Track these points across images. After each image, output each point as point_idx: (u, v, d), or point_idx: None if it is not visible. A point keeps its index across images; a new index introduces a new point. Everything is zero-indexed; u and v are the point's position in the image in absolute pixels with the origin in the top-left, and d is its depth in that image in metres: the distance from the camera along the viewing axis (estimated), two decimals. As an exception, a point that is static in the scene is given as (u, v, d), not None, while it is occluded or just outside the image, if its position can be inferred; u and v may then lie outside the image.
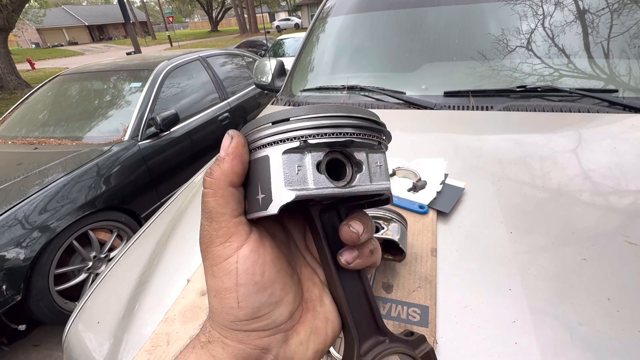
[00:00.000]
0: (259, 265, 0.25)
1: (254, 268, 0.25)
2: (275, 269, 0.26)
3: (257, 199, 0.25)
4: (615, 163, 0.82)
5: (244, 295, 0.24)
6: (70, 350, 0.70)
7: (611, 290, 0.53)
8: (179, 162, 2.59)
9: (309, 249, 0.32)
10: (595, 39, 1.22)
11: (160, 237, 0.89)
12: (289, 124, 0.24)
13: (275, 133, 0.24)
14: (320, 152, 0.24)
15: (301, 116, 0.24)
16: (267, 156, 0.24)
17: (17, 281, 1.62)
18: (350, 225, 0.27)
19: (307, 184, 0.23)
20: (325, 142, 0.24)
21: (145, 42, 29.09)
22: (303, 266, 0.31)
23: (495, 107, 1.14)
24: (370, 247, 0.29)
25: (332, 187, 0.24)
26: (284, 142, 0.24)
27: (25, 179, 1.86)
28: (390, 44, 1.55)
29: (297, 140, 0.23)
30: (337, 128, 0.24)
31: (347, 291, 0.28)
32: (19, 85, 9.32)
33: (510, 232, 0.66)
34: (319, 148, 0.24)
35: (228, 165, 0.25)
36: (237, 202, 0.25)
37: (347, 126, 0.24)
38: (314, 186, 0.23)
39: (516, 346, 0.47)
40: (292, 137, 0.24)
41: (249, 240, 0.25)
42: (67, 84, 2.88)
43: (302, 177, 0.23)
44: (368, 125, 0.26)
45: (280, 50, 7.58)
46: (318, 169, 0.24)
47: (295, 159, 0.24)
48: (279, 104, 1.54)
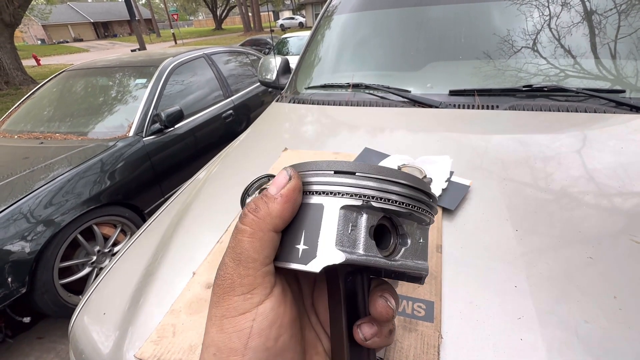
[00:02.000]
0: (275, 327, 0.22)
1: (269, 331, 0.21)
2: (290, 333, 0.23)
3: (297, 249, 0.22)
4: (622, 163, 0.82)
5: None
6: (76, 341, 0.70)
7: (617, 288, 0.53)
8: (183, 158, 2.60)
9: (314, 309, 0.28)
10: (602, 39, 1.21)
11: (165, 231, 0.90)
12: (354, 179, 0.22)
13: (337, 183, 0.22)
14: (376, 216, 0.23)
15: (369, 174, 0.22)
16: (321, 205, 0.22)
17: (22, 274, 1.64)
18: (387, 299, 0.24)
19: (357, 247, 0.21)
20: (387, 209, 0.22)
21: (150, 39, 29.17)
22: (307, 329, 0.27)
23: (500, 106, 1.14)
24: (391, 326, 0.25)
25: (379, 257, 0.22)
26: (345, 197, 0.22)
27: (31, 173, 1.88)
28: (395, 43, 1.55)
29: (359, 199, 0.22)
30: (402, 197, 0.23)
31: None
32: (25, 80, 9.37)
33: (515, 230, 0.66)
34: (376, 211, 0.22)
35: (279, 207, 0.22)
36: (273, 249, 0.22)
37: (411, 197, 0.23)
38: (363, 252, 0.22)
39: (522, 342, 0.47)
40: (355, 194, 0.22)
41: (272, 294, 0.22)
42: (72, 80, 2.89)
43: (354, 239, 0.22)
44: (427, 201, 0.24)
45: (284, 49, 7.57)
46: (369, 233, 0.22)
47: (351, 217, 0.22)
48: (283, 101, 1.54)
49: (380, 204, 0.22)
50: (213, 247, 0.75)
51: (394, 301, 0.24)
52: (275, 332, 0.22)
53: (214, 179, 1.09)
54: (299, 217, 0.23)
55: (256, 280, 0.22)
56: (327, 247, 0.21)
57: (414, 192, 0.23)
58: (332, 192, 0.22)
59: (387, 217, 0.23)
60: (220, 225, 0.82)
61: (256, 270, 0.22)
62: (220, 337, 0.21)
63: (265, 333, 0.21)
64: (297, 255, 0.22)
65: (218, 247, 0.75)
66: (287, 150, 1.08)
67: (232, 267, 0.22)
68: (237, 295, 0.21)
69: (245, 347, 0.21)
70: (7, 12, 8.60)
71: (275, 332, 0.22)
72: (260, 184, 0.76)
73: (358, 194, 0.22)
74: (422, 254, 0.25)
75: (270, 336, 0.21)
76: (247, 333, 0.21)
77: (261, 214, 0.22)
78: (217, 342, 0.21)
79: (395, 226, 0.24)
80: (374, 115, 1.25)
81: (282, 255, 0.23)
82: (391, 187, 0.22)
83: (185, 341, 0.55)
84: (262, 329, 0.21)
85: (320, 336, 0.27)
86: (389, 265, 0.23)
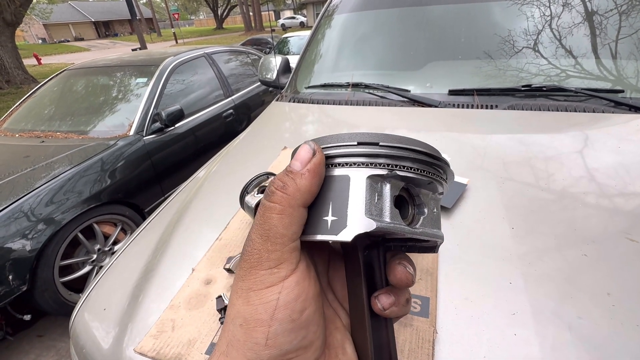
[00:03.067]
0: (300, 301, 0.22)
1: (295, 303, 0.22)
2: (315, 307, 0.23)
3: (325, 220, 0.22)
4: (620, 163, 0.82)
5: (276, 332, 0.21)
6: (77, 337, 0.71)
7: (611, 285, 0.53)
8: (183, 157, 2.61)
9: (331, 287, 0.28)
10: (602, 39, 1.22)
11: (165, 228, 0.90)
12: (378, 149, 0.22)
13: (361, 154, 0.22)
14: (398, 185, 0.23)
15: (392, 144, 0.22)
16: (347, 177, 0.22)
17: (23, 272, 1.65)
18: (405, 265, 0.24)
19: (384, 216, 0.22)
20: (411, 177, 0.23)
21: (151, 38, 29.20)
22: (325, 306, 0.27)
23: (500, 105, 1.14)
24: (407, 295, 0.26)
25: (404, 225, 0.23)
26: (371, 167, 0.22)
27: (32, 171, 1.88)
28: (395, 42, 1.56)
29: (385, 168, 0.22)
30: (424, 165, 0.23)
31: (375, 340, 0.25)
32: (26, 79, 9.39)
33: (512, 228, 0.66)
34: (398, 181, 0.23)
35: (307, 182, 0.22)
36: (301, 225, 0.23)
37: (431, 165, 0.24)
38: (390, 220, 0.22)
39: (515, 337, 0.48)
40: (380, 164, 0.22)
41: (297, 269, 0.23)
42: (73, 79, 2.90)
43: (380, 207, 0.22)
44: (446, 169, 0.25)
45: (285, 49, 7.58)
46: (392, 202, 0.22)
47: (376, 187, 0.22)
48: (283, 101, 1.54)
49: (405, 172, 0.22)
50: (212, 244, 0.76)
51: (412, 268, 0.25)
52: (300, 305, 0.22)
53: (214, 177, 1.09)
54: (325, 190, 0.23)
55: (283, 255, 0.22)
56: (357, 216, 0.21)
57: (434, 159, 0.24)
58: (356, 163, 0.22)
59: (405, 188, 0.24)
60: (219, 222, 0.83)
61: (284, 246, 0.22)
62: (247, 309, 0.22)
63: (291, 306, 0.22)
64: (326, 227, 0.22)
65: (217, 244, 0.76)
66: (287, 148, 1.09)
67: (259, 242, 0.22)
68: (264, 270, 0.22)
69: (272, 318, 0.21)
70: (8, 11, 8.61)
71: (300, 305, 0.22)
72: (259, 181, 0.77)
73: (383, 164, 0.22)
74: (437, 222, 0.26)
75: (296, 309, 0.22)
76: (274, 305, 0.21)
77: (290, 190, 0.22)
78: (243, 314, 0.22)
79: (413, 196, 0.25)
80: (373, 115, 1.26)
81: (310, 228, 0.23)
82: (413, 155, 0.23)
83: (184, 335, 0.55)
84: (288, 301, 0.22)
85: (338, 312, 0.28)
86: (412, 233, 0.23)
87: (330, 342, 0.26)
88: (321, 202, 0.23)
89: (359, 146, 0.22)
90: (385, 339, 0.26)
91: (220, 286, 0.64)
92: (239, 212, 0.84)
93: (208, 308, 0.59)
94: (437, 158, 0.24)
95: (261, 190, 0.75)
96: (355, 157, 0.22)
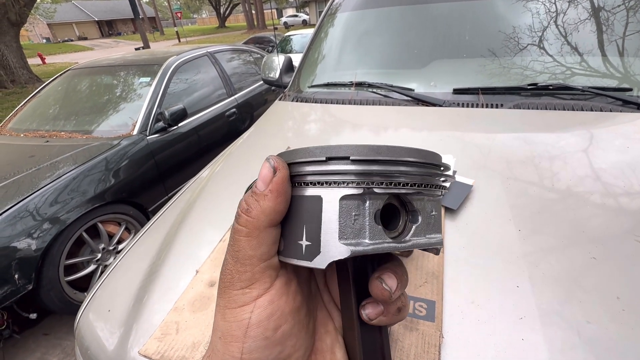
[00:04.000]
0: (274, 319, 0.23)
1: (267, 322, 0.22)
2: (292, 323, 0.24)
3: (300, 245, 0.21)
4: (628, 163, 0.81)
5: (250, 348, 0.22)
6: (81, 337, 0.71)
7: (620, 289, 0.52)
8: (187, 157, 2.61)
9: (327, 287, 0.29)
10: (609, 36, 1.20)
11: (169, 229, 0.90)
12: (351, 165, 0.20)
13: (332, 172, 0.20)
14: (380, 199, 0.21)
15: (366, 157, 0.20)
16: (319, 197, 0.20)
17: (28, 271, 1.66)
18: (382, 281, 0.23)
19: (362, 236, 0.20)
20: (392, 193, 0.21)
21: (154, 37, 29.26)
22: (319, 308, 0.28)
23: (505, 105, 1.13)
24: (399, 304, 0.25)
25: (388, 241, 0.21)
26: (343, 186, 0.20)
27: (37, 171, 1.90)
28: (399, 41, 1.54)
29: (359, 187, 0.20)
30: (407, 176, 0.21)
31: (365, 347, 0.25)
32: (30, 79, 9.45)
33: (518, 229, 0.66)
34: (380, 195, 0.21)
35: (271, 203, 0.21)
36: (272, 244, 0.23)
37: (417, 175, 0.21)
38: (369, 241, 0.20)
39: (523, 342, 0.47)
40: (354, 182, 0.20)
41: (272, 288, 0.23)
42: (77, 79, 2.91)
43: (358, 228, 0.20)
44: (437, 172, 0.23)
45: (287, 47, 7.56)
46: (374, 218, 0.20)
47: (353, 205, 0.20)
48: (286, 100, 1.54)
49: (384, 188, 0.20)
50: (216, 245, 0.76)
51: (391, 282, 0.24)
52: (274, 323, 0.23)
53: (217, 177, 1.09)
54: (298, 211, 0.22)
55: (254, 275, 0.22)
56: (331, 242, 0.20)
57: (422, 168, 0.21)
58: (328, 182, 0.20)
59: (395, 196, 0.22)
60: (223, 223, 0.83)
61: (254, 267, 0.22)
62: (224, 325, 0.23)
63: (263, 324, 0.22)
64: (300, 251, 0.21)
65: (221, 245, 0.75)
66: (290, 148, 1.08)
67: (232, 263, 0.23)
68: (236, 290, 0.23)
69: (245, 335, 0.22)
70: (13, 11, 8.66)
71: (274, 323, 0.23)
72: (263, 182, 0.76)
73: (358, 182, 0.20)
74: (435, 226, 0.24)
75: (269, 327, 0.23)
76: (246, 324, 0.22)
77: (254, 213, 0.22)
78: (221, 328, 0.23)
79: (403, 202, 0.23)
80: (377, 114, 1.25)
81: (287, 251, 0.23)
82: (395, 167, 0.20)
83: (188, 338, 0.55)
84: (261, 320, 0.22)
85: (332, 314, 0.28)
86: (398, 248, 0.22)
87: (320, 347, 0.26)
88: (295, 224, 0.22)
89: (328, 162, 0.20)
90: (379, 344, 0.26)
91: (224, 288, 0.64)
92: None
93: (212, 310, 0.59)
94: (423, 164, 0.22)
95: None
96: (326, 175, 0.20)
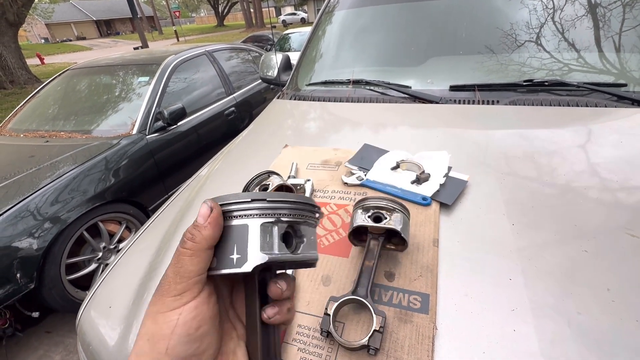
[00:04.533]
0: (197, 320, 0.29)
1: (192, 322, 0.28)
2: (210, 324, 0.30)
3: (232, 258, 0.30)
4: (623, 158, 0.82)
5: (174, 344, 0.28)
6: (83, 334, 0.72)
7: (611, 281, 0.53)
8: (186, 156, 2.62)
9: (233, 306, 0.36)
10: (605, 32, 1.20)
11: (169, 226, 0.91)
12: (267, 203, 0.31)
13: (255, 208, 0.31)
14: (283, 226, 0.32)
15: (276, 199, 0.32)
16: (246, 225, 0.30)
17: (30, 270, 1.67)
18: (277, 282, 0.33)
19: (273, 249, 0.31)
20: (291, 221, 0.32)
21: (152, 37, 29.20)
22: (225, 321, 0.34)
23: (501, 101, 1.14)
24: (288, 305, 0.34)
25: (288, 253, 0.32)
26: (262, 217, 0.31)
27: (37, 171, 1.90)
28: (396, 38, 1.55)
29: (273, 217, 0.31)
30: (299, 211, 0.33)
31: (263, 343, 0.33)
32: (29, 80, 9.44)
33: (512, 224, 0.67)
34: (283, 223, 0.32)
35: (209, 232, 0.29)
36: (207, 263, 0.30)
37: (305, 210, 0.33)
38: (278, 252, 0.31)
39: (515, 333, 0.48)
40: (270, 214, 0.31)
41: (199, 297, 0.29)
42: (76, 79, 2.92)
43: (271, 244, 0.31)
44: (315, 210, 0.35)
45: (286, 45, 7.56)
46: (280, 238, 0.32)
47: (267, 230, 0.31)
48: (285, 98, 1.55)
49: (288, 218, 0.32)
50: (215, 242, 0.77)
51: (282, 283, 0.33)
52: (196, 323, 0.29)
53: (216, 175, 1.10)
54: (230, 236, 0.31)
55: (187, 286, 0.29)
56: (254, 253, 0.29)
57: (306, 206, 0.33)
58: (252, 215, 0.31)
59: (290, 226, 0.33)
60: (221, 221, 0.84)
61: (189, 279, 0.29)
62: (154, 327, 0.28)
63: (188, 324, 0.28)
64: (232, 262, 0.30)
65: (220, 242, 0.76)
66: (288, 147, 1.09)
67: (172, 277, 0.29)
68: (170, 297, 0.28)
69: (172, 333, 0.28)
70: (11, 12, 8.65)
71: (196, 323, 0.29)
72: (261, 180, 0.78)
73: (272, 214, 0.31)
74: (313, 246, 0.35)
75: (192, 326, 0.28)
76: (174, 324, 0.28)
77: (198, 239, 0.29)
78: (151, 331, 0.28)
79: (295, 230, 0.34)
80: (374, 111, 1.26)
81: (220, 265, 0.30)
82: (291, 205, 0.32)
83: None
84: (186, 321, 0.28)
85: (235, 326, 0.35)
86: (294, 258, 0.32)
87: (225, 349, 0.33)
88: (226, 245, 0.31)
89: (252, 202, 0.31)
90: (273, 342, 0.34)
91: (223, 284, 0.65)
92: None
93: (211, 305, 0.60)
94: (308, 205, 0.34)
95: (262, 189, 0.75)
96: (251, 210, 0.31)
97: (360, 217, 0.58)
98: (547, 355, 0.45)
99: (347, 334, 0.51)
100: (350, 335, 0.51)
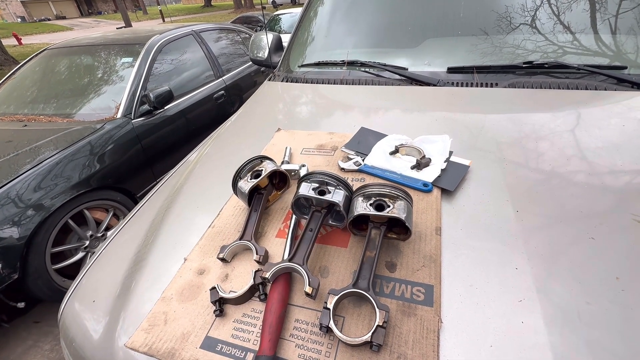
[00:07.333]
0: None
1: None
2: None
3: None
4: (624, 142, 0.80)
5: None
6: (66, 328, 0.69)
7: (619, 269, 0.52)
8: (174, 140, 2.53)
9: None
10: (604, 15, 1.17)
11: (155, 215, 0.87)
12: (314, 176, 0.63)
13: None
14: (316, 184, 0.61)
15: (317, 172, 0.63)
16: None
17: (13, 260, 1.61)
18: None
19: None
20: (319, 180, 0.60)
21: (136, 17, 28.01)
22: None
23: (500, 83, 1.10)
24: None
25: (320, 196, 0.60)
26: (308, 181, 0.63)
27: (16, 156, 1.81)
28: (391, 18, 1.49)
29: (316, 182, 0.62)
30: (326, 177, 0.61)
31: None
32: (6, 61, 9.00)
33: (516, 210, 0.64)
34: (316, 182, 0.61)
35: None
36: None
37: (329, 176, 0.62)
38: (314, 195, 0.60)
39: (523, 325, 0.46)
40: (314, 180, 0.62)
41: None
42: (55, 59, 2.76)
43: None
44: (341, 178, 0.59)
45: (276, 27, 7.34)
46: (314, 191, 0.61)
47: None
48: (276, 80, 1.48)
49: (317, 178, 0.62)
50: (205, 231, 0.73)
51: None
52: None
53: (206, 161, 1.05)
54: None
55: None
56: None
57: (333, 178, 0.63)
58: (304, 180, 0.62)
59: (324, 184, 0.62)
60: (212, 208, 0.80)
61: None
62: None
63: None
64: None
65: (210, 231, 0.72)
66: (281, 130, 1.04)
67: None
68: None
69: None
70: (-18, -13, 8.13)
71: None
72: (252, 166, 0.73)
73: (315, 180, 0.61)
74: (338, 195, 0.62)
75: None
76: None
77: None
78: None
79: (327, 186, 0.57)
80: (369, 94, 1.21)
81: None
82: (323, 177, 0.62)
83: (177, 329, 0.53)
84: None
85: None
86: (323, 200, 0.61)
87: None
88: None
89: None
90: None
91: (214, 277, 0.61)
92: (232, 198, 0.80)
93: (202, 300, 0.57)
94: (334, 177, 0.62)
95: (255, 175, 0.71)
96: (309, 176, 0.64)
97: (361, 205, 0.55)
98: (558, 349, 0.43)
99: (347, 329, 0.48)
100: (351, 330, 0.48)
